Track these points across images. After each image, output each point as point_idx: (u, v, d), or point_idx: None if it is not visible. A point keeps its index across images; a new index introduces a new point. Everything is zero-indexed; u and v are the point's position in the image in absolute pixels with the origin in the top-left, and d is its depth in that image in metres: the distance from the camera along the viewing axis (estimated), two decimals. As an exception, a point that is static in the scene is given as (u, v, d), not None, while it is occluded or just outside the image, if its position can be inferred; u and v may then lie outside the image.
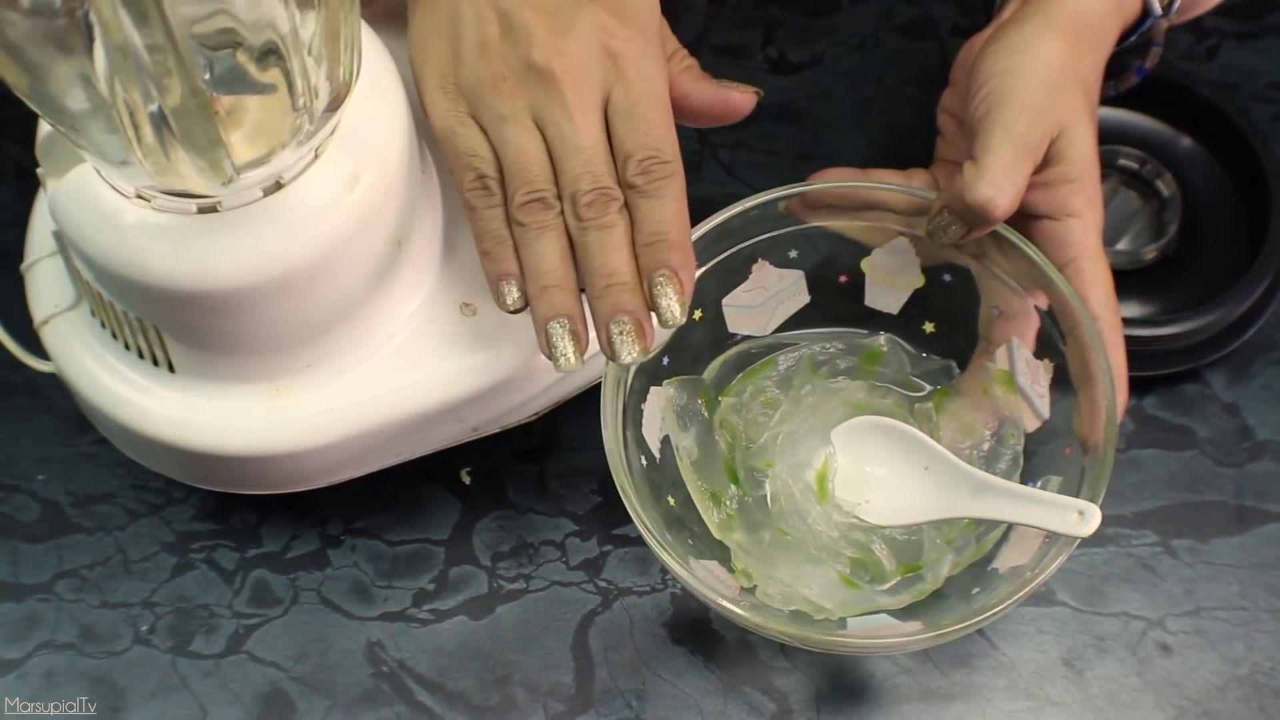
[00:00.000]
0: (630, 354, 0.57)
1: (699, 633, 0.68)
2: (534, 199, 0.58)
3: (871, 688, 0.67)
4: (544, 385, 0.65)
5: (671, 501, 0.65)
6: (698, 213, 0.64)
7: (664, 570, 0.69)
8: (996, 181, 0.60)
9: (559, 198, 0.58)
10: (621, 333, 0.57)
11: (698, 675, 0.67)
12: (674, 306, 0.58)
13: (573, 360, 0.58)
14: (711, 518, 0.65)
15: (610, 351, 0.58)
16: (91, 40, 0.50)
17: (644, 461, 0.64)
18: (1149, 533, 0.70)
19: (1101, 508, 0.58)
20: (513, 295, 0.59)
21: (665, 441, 0.66)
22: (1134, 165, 0.77)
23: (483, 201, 0.59)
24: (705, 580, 0.60)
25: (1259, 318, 0.73)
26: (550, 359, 0.58)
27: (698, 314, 0.66)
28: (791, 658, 0.67)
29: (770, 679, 0.67)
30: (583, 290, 0.59)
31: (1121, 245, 0.75)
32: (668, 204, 0.58)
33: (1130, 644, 0.68)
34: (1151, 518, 0.71)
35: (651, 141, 0.58)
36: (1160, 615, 0.68)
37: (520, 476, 0.72)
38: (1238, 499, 0.71)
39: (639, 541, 0.70)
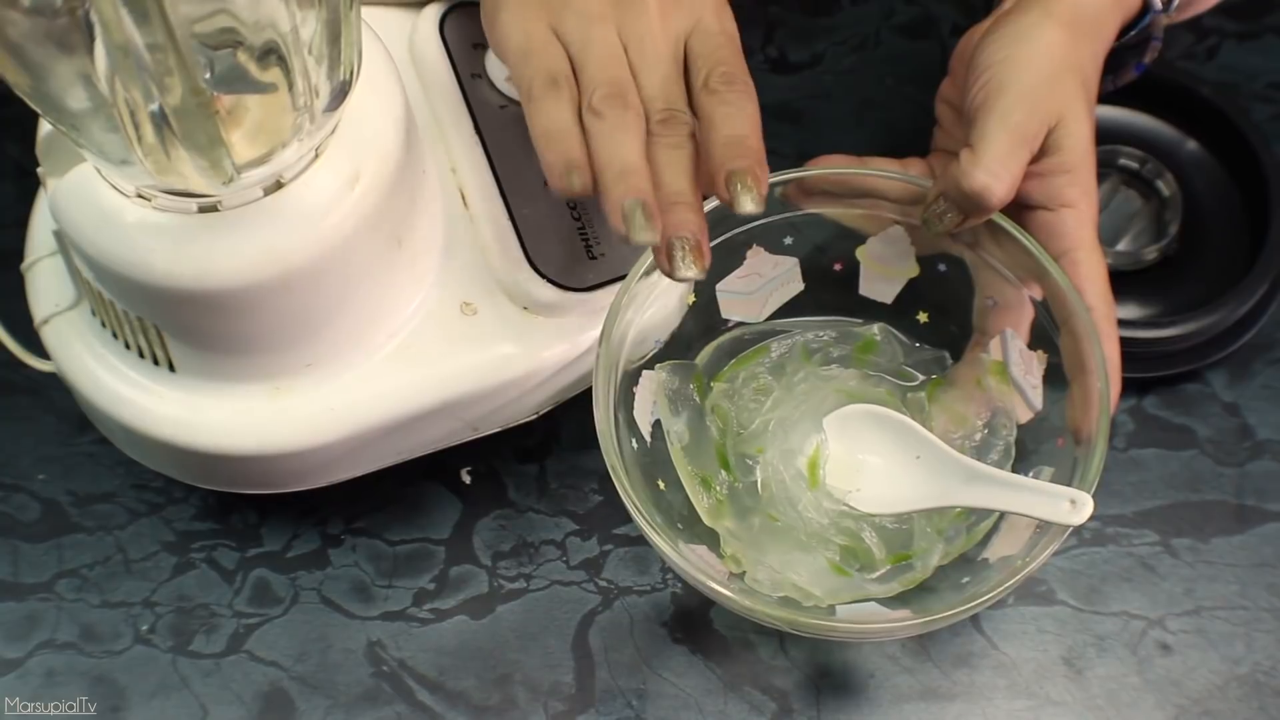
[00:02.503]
0: (689, 271, 0.57)
1: (700, 632, 0.68)
2: (616, 93, 0.58)
3: (872, 687, 0.67)
4: (544, 384, 0.65)
5: (661, 485, 0.64)
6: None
7: (664, 569, 0.69)
8: (993, 169, 0.60)
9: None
10: (684, 249, 0.57)
11: (698, 674, 0.67)
12: (749, 198, 0.57)
13: (645, 231, 0.56)
14: (701, 502, 0.65)
15: (669, 267, 0.57)
16: (92, 39, 0.50)
17: (635, 444, 0.64)
18: (1149, 532, 0.70)
19: (1100, 506, 0.58)
20: (583, 179, 0.57)
21: (656, 425, 0.65)
22: (1135, 165, 0.76)
23: (552, 94, 0.58)
24: (694, 564, 0.60)
25: (1260, 318, 0.73)
26: (625, 232, 0.56)
27: (690, 298, 0.66)
28: (792, 657, 0.67)
29: (771, 678, 0.67)
30: None
31: (1122, 246, 0.75)
32: (748, 115, 0.59)
33: (1130, 643, 0.68)
34: (1152, 517, 0.71)
35: (734, 65, 0.59)
36: (1160, 615, 0.68)
37: (520, 476, 0.72)
38: (1238, 499, 0.71)
39: (639, 541, 0.70)
